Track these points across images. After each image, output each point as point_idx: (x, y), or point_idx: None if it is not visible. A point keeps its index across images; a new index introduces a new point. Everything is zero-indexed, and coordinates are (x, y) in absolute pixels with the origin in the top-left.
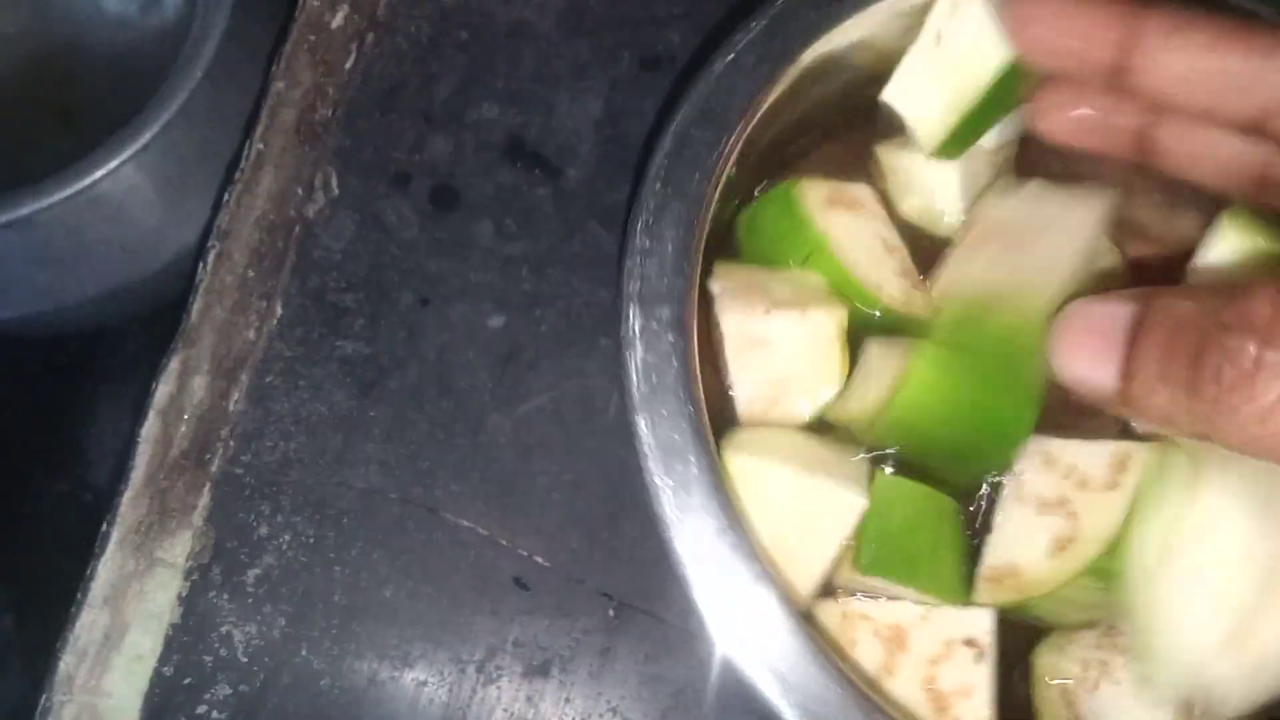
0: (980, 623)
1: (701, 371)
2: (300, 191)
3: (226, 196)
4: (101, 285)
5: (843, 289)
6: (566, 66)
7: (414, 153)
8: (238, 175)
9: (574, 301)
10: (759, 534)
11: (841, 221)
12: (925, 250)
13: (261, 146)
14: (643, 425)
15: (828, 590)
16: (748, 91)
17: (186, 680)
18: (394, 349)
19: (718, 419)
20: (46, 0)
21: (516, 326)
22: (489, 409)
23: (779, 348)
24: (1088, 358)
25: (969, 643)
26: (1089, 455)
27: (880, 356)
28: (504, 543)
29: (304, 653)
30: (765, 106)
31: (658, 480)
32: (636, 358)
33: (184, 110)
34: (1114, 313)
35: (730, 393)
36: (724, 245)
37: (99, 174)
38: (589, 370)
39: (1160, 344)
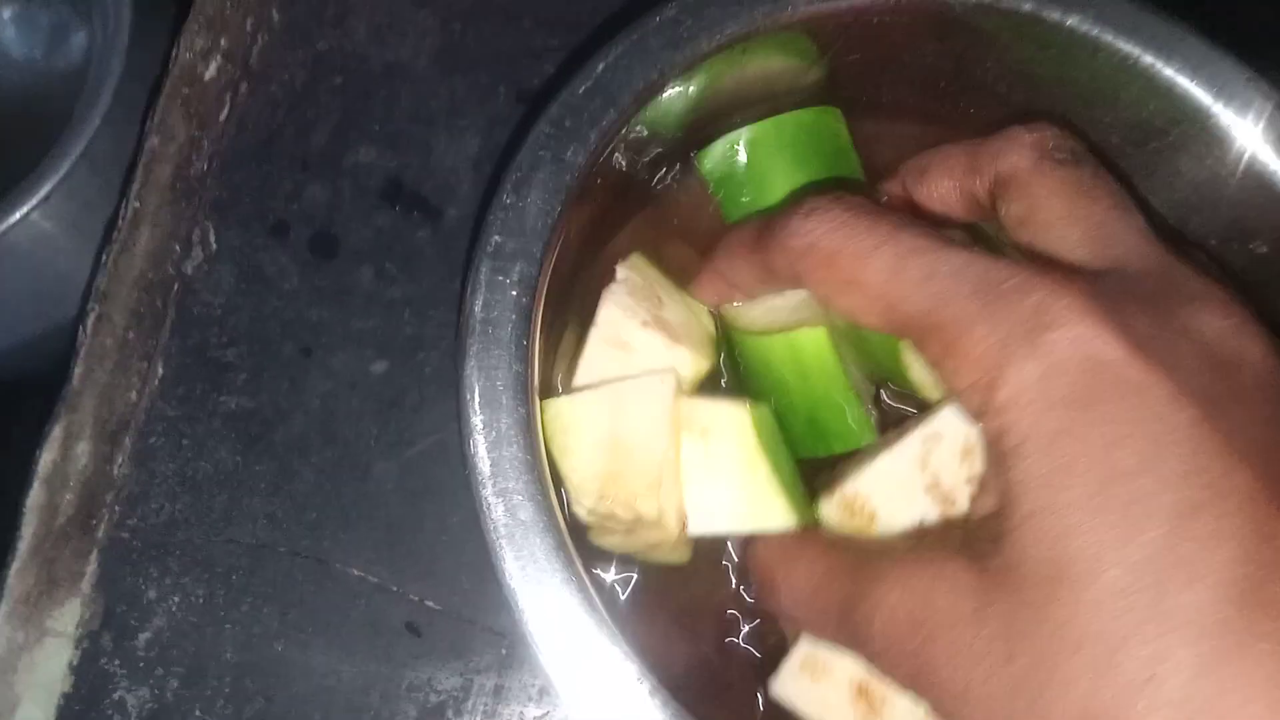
0: None
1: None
2: (178, 248)
3: (104, 257)
4: (13, 337)
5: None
6: (443, 105)
7: (291, 202)
8: (115, 235)
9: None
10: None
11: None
12: None
13: (138, 205)
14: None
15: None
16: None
17: None
18: (277, 401)
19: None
20: None
21: (400, 371)
22: (375, 456)
23: (634, 362)
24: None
25: None
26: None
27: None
28: (395, 589)
29: (198, 713)
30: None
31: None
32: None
33: (86, 155)
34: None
35: (573, 377)
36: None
37: (4, 225)
38: None
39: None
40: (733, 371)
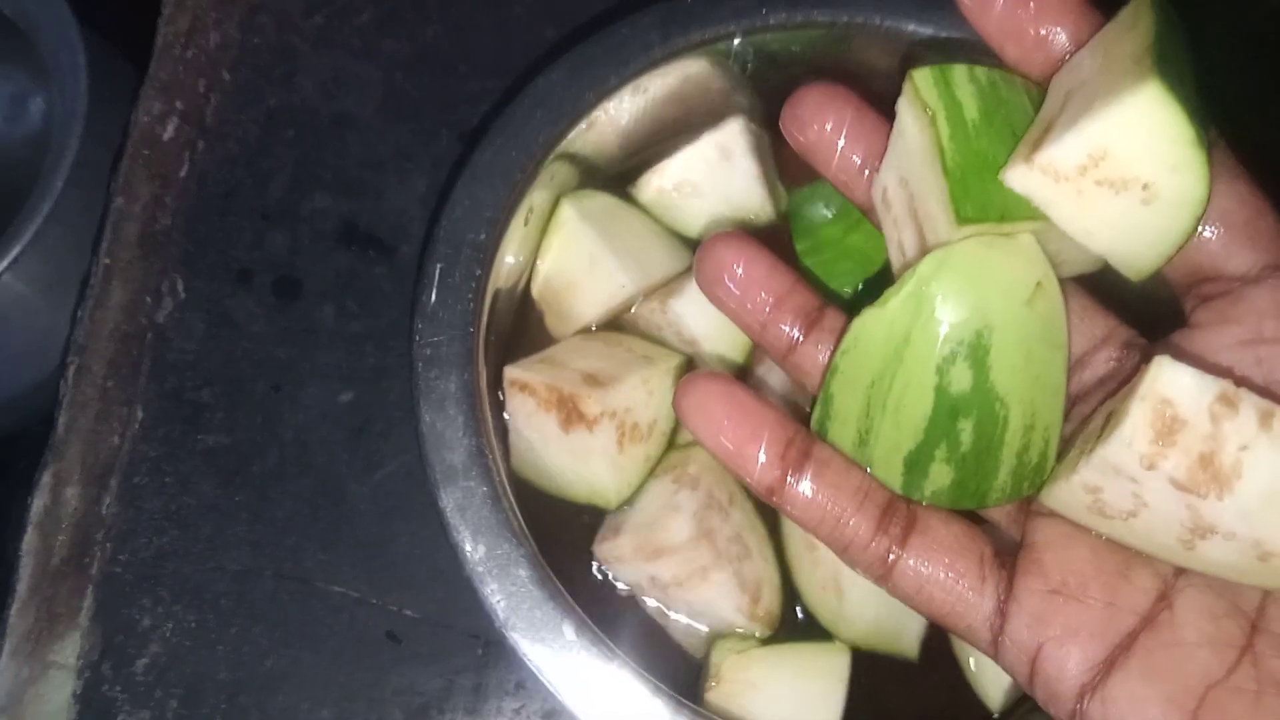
0: None
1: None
2: (149, 300)
3: (80, 313)
4: None
5: None
6: (390, 151)
7: (254, 249)
8: (88, 291)
9: None
10: None
11: None
12: None
13: (108, 261)
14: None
15: None
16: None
17: None
18: (253, 436)
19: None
20: None
21: (366, 400)
22: (347, 480)
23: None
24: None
25: None
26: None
27: None
28: (374, 601)
29: None
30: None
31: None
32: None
33: (53, 216)
34: None
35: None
36: None
37: None
38: None
39: None
40: None
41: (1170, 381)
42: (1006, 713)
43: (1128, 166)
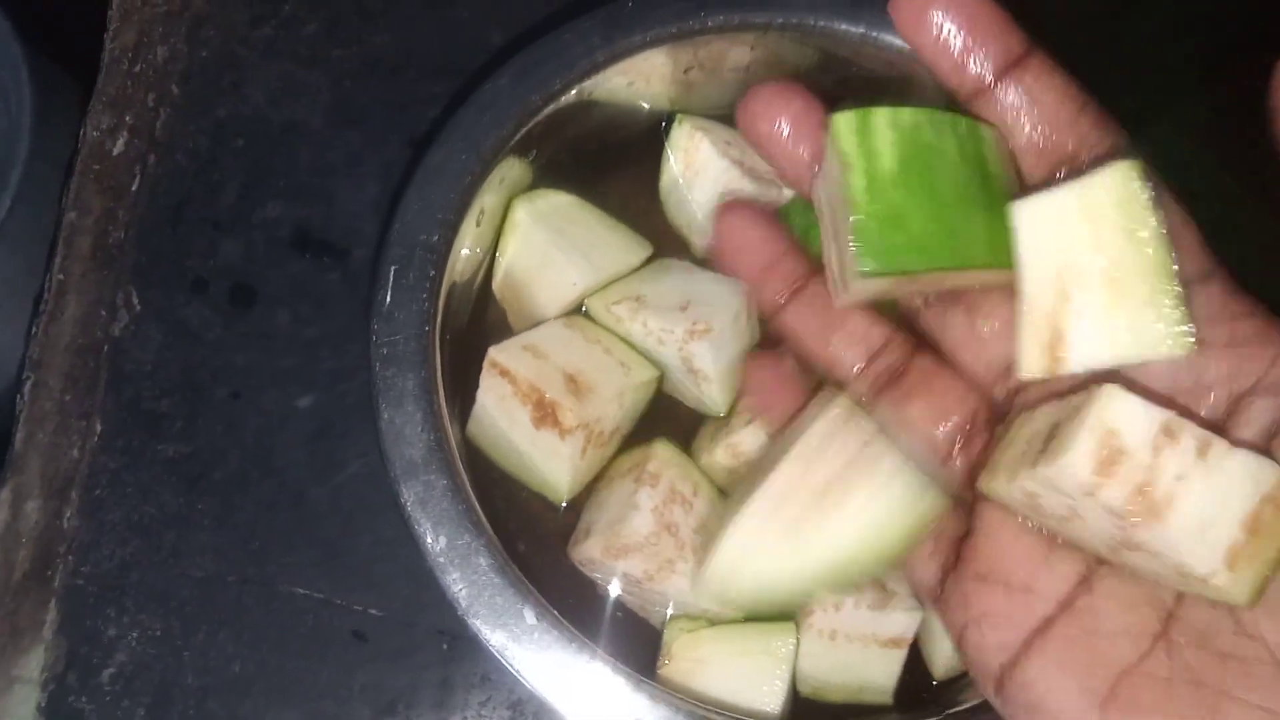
0: None
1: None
2: (104, 313)
3: (34, 328)
4: None
5: None
6: (340, 156)
7: (208, 259)
8: (42, 307)
9: None
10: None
11: None
12: None
13: (62, 277)
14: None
15: None
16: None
17: None
18: (213, 443)
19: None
20: None
21: (324, 403)
22: (308, 483)
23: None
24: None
25: None
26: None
27: None
28: (339, 602)
29: None
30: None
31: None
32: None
33: (0, 235)
34: None
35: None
36: None
37: None
38: None
39: None
40: None
41: (1118, 412)
42: (949, 681)
43: None
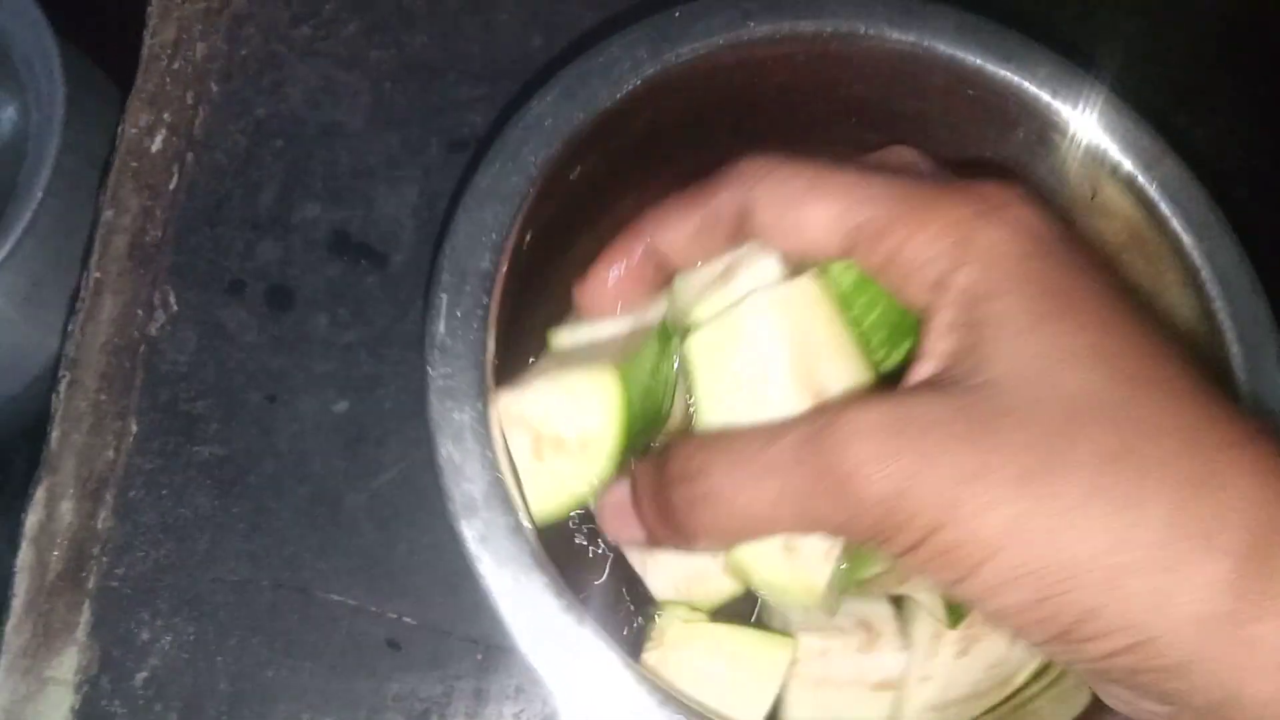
0: None
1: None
2: (141, 312)
3: (71, 326)
4: None
5: None
6: (380, 159)
7: (245, 260)
8: (79, 305)
9: (412, 377)
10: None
11: None
12: None
13: (98, 275)
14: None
15: None
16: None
17: None
18: (249, 447)
19: None
20: None
21: (361, 408)
22: (345, 489)
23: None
24: (622, 527)
25: None
26: None
27: None
28: (373, 609)
29: None
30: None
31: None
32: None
33: (30, 229)
34: (618, 493)
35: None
36: None
37: None
38: None
39: (645, 503)
40: None
41: None
42: None
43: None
